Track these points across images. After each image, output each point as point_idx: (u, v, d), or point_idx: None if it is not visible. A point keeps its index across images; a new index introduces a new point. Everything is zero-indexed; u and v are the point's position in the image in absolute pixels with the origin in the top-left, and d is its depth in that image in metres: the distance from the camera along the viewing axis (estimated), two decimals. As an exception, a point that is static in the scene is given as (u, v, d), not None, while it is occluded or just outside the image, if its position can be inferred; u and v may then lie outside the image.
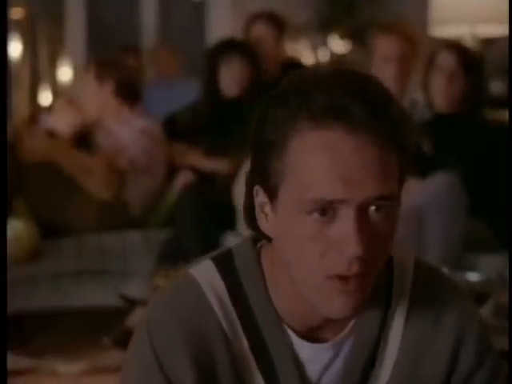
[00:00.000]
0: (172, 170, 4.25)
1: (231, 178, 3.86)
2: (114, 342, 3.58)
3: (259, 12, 4.65)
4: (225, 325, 1.18)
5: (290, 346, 1.18)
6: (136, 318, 3.66)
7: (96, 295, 3.81)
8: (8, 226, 3.68)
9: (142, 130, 4.13)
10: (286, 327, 1.18)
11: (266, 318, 1.18)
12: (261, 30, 4.46)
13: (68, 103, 4.22)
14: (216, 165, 4.15)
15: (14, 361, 3.56)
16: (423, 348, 1.20)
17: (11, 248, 3.64)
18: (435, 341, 1.20)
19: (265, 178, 1.11)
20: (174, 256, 3.63)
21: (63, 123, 4.20)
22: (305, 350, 1.19)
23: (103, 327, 3.65)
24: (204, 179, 4.11)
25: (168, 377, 1.17)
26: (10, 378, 3.47)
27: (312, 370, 1.19)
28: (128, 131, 4.13)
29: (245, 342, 1.19)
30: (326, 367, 1.19)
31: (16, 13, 5.51)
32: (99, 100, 4.16)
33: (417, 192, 3.41)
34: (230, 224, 3.69)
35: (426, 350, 1.20)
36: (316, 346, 1.19)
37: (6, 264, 2.88)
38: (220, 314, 1.18)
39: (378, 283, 1.14)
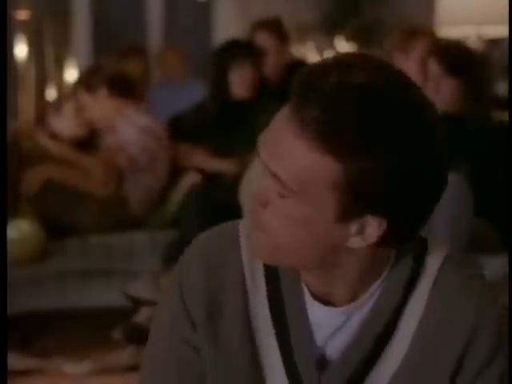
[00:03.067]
0: (178, 171, 4.26)
1: (238, 178, 3.88)
2: (124, 337, 3.58)
3: (262, 20, 4.66)
4: (247, 275, 1.24)
5: (303, 304, 1.21)
6: (143, 316, 3.68)
7: (102, 295, 3.82)
8: (15, 227, 3.70)
9: (142, 128, 4.14)
10: (304, 286, 1.22)
11: (288, 275, 1.23)
12: (265, 40, 4.47)
13: (77, 110, 4.22)
14: (222, 165, 4.17)
15: (19, 361, 3.58)
16: (438, 335, 1.21)
17: (18, 249, 3.66)
18: (450, 329, 1.21)
19: None
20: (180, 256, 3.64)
21: (70, 129, 4.22)
22: (316, 310, 1.21)
23: (109, 327, 3.66)
24: (210, 179, 4.12)
25: (186, 306, 1.25)
26: (16, 378, 3.49)
27: (321, 332, 1.21)
28: (129, 129, 4.15)
29: (263, 295, 1.23)
30: (335, 332, 1.21)
31: (22, 14, 5.52)
32: (99, 109, 4.19)
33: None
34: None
35: (440, 338, 1.21)
36: (326, 308, 1.20)
37: (7, 266, 2.89)
38: (246, 264, 1.24)
39: (406, 266, 1.20)
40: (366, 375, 1.21)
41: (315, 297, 1.21)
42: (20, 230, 3.69)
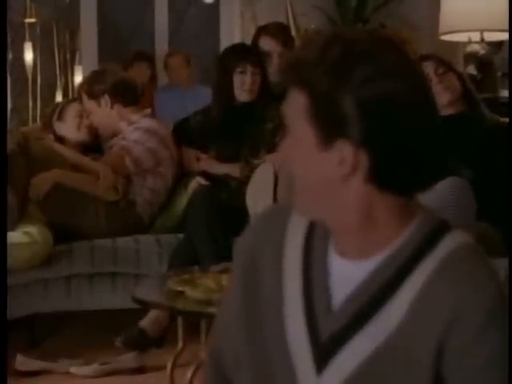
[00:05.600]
0: (184, 175, 4.27)
1: (243, 181, 3.90)
2: (125, 344, 3.61)
3: (266, 25, 4.67)
4: (289, 229, 1.40)
5: (326, 255, 1.35)
6: (148, 321, 3.70)
7: (108, 298, 3.84)
8: (22, 231, 3.72)
9: (146, 129, 4.16)
10: (331, 242, 1.35)
11: (321, 233, 1.37)
12: (269, 45, 4.48)
13: (80, 115, 4.23)
14: (228, 169, 4.18)
15: (26, 363, 3.60)
16: (432, 308, 1.26)
17: (26, 253, 3.67)
18: (441, 305, 1.26)
19: None
20: (187, 259, 3.66)
21: (73, 134, 4.23)
22: (334, 261, 1.34)
23: (116, 330, 3.68)
24: (216, 183, 4.13)
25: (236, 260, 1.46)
26: (23, 380, 3.52)
27: (335, 280, 1.33)
28: (133, 132, 4.17)
29: (299, 245, 1.38)
30: (346, 281, 1.32)
31: (31, 20, 5.56)
32: (102, 116, 4.22)
33: (426, 196, 3.42)
34: (242, 227, 3.68)
35: (432, 312, 1.26)
36: (343, 260, 1.33)
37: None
38: (291, 223, 1.40)
39: (421, 237, 1.29)
40: (361, 328, 1.29)
41: (340, 252, 1.34)
42: (28, 233, 3.71)
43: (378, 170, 1.25)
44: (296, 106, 1.28)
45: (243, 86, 4.21)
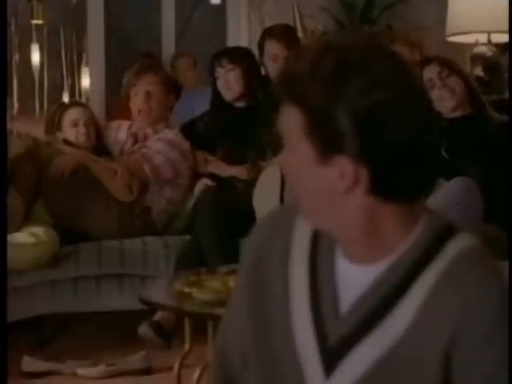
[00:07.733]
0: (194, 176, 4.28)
1: (251, 183, 3.90)
2: (153, 330, 3.61)
3: (272, 27, 4.68)
4: (296, 234, 1.40)
5: (332, 259, 1.35)
6: (159, 316, 3.70)
7: (115, 299, 3.85)
8: (29, 232, 3.73)
9: (169, 141, 4.19)
10: (338, 248, 1.35)
11: (327, 238, 1.36)
12: (274, 47, 4.49)
13: (74, 124, 4.21)
14: (236, 171, 4.19)
15: (34, 364, 3.60)
16: (438, 315, 1.26)
17: (33, 253, 3.68)
18: (447, 311, 1.26)
19: None
20: (194, 260, 3.66)
21: (73, 137, 4.24)
22: (341, 266, 1.34)
23: (123, 331, 3.69)
24: (223, 185, 4.14)
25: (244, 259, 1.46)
26: (30, 381, 3.52)
27: (343, 285, 1.33)
28: (156, 142, 4.20)
29: (305, 249, 1.38)
30: (353, 286, 1.31)
31: (38, 22, 5.57)
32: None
33: (435, 195, 3.42)
34: (249, 229, 3.68)
35: (438, 318, 1.26)
36: (350, 264, 1.33)
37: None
38: (297, 227, 1.40)
39: (428, 241, 1.29)
40: (369, 332, 1.29)
41: (346, 256, 1.33)
42: (34, 234, 3.72)
43: (378, 181, 1.25)
44: (291, 123, 1.27)
45: (224, 85, 4.27)
